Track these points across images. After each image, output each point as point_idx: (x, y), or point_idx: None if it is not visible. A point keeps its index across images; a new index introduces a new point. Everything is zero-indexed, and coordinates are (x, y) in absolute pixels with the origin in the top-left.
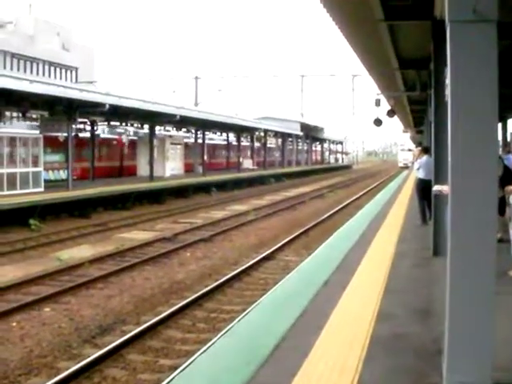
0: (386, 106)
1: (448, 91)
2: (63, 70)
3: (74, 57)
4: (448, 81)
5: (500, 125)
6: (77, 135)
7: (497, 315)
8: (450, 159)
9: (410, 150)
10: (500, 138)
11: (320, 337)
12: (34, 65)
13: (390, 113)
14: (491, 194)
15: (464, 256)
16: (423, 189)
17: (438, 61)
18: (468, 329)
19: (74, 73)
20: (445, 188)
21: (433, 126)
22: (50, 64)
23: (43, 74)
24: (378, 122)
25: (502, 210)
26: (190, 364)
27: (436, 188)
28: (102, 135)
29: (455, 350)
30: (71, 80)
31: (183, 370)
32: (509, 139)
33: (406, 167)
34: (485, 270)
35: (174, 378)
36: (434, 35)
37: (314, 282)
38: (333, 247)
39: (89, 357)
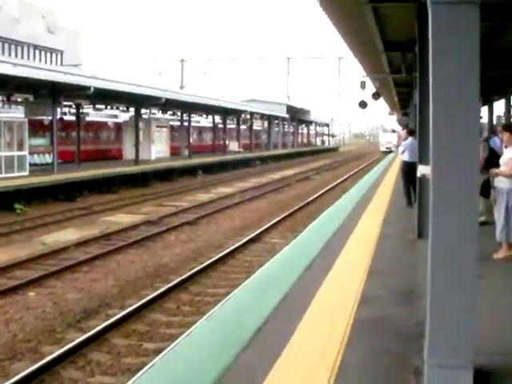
0: (371, 88)
1: (430, 73)
2: (48, 53)
3: (59, 40)
4: (430, 63)
5: (486, 108)
6: (62, 118)
7: (480, 299)
8: (431, 141)
9: (394, 131)
10: (486, 120)
11: (303, 320)
12: (19, 48)
13: (375, 95)
14: (473, 177)
15: (445, 239)
16: (408, 171)
17: (423, 43)
18: (449, 312)
19: (59, 56)
20: (428, 171)
21: (417, 108)
22: (35, 47)
23: (28, 58)
24: (363, 105)
25: (486, 193)
26: (171, 348)
27: (420, 170)
28: (88, 118)
29: (436, 334)
30: (56, 63)
31: (165, 354)
32: (495, 122)
33: (389, 151)
34: (466, 253)
35: (156, 362)
36: (418, 17)
37: (298, 264)
38: (318, 230)
39: (73, 341)
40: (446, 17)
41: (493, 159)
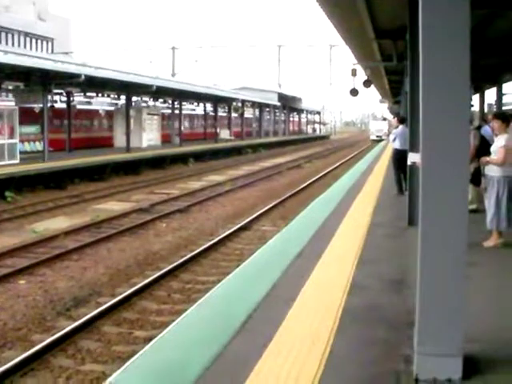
0: (362, 76)
1: (420, 61)
2: (39, 41)
3: (50, 27)
4: (420, 50)
5: (478, 96)
6: (52, 106)
7: (470, 286)
8: (421, 129)
9: (384, 119)
10: (478, 109)
11: (292, 308)
12: (9, 35)
13: (367, 83)
14: (463, 164)
15: (435, 226)
16: (399, 159)
17: (414, 31)
18: (439, 300)
19: (49, 43)
20: (419, 158)
21: (408, 96)
22: (26, 34)
23: (18, 45)
24: (354, 92)
25: (477, 181)
26: (161, 336)
27: (411, 158)
28: (79, 106)
29: (426, 322)
30: (47, 51)
31: (155, 341)
32: (486, 110)
33: (379, 140)
34: (456, 241)
35: (146, 349)
36: (410, 5)
37: (288, 252)
38: (309, 217)
39: (63, 329)
40: (437, 4)
41: (484, 147)
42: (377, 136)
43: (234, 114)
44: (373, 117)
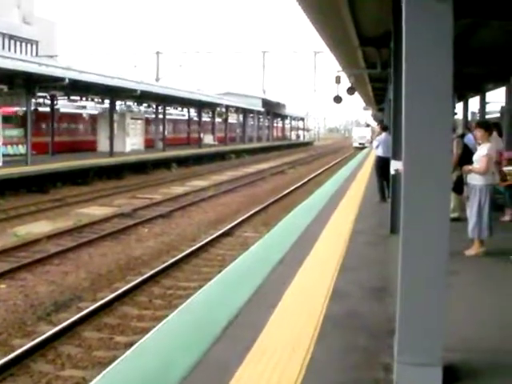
0: (346, 83)
1: (403, 68)
2: (23, 44)
3: (35, 30)
4: (403, 58)
5: (461, 104)
6: (36, 109)
7: (451, 295)
8: (403, 137)
9: (368, 125)
10: (461, 117)
11: (273, 314)
12: None
13: (350, 90)
14: (445, 173)
15: (416, 235)
16: (382, 166)
17: (398, 38)
18: (419, 309)
19: (34, 47)
20: (401, 166)
21: (392, 103)
22: (10, 37)
23: (3, 48)
24: (337, 99)
25: (459, 189)
26: (142, 341)
27: (393, 165)
28: (63, 109)
29: (406, 331)
30: (32, 54)
31: (136, 347)
32: (470, 118)
33: (362, 147)
34: (437, 250)
35: (126, 355)
36: (394, 12)
37: (270, 259)
38: (291, 224)
39: (43, 334)
40: (420, 13)
41: (466, 156)
42: (359, 143)
43: (217, 120)
44: (356, 123)
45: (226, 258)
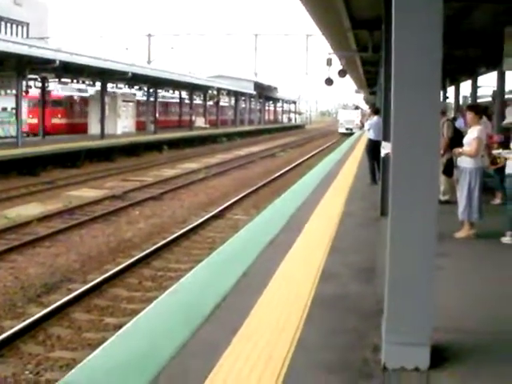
0: (338, 65)
1: (393, 52)
2: (14, 26)
3: (26, 12)
4: (393, 41)
5: (453, 88)
6: (27, 91)
7: (440, 276)
8: (392, 119)
9: (356, 107)
10: (453, 100)
11: (262, 296)
12: None
13: (341, 73)
14: (433, 155)
15: (404, 216)
16: (373, 149)
17: (389, 21)
18: (408, 290)
19: (24, 28)
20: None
21: (382, 86)
22: (0, 19)
23: None
24: (329, 82)
25: (450, 172)
26: (131, 323)
27: (384, 147)
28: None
29: (394, 311)
30: (22, 36)
31: (125, 329)
32: (461, 102)
33: (350, 134)
34: (425, 231)
35: (115, 337)
36: None
37: (260, 240)
38: (281, 206)
39: (33, 315)
40: None
41: (457, 139)
42: (346, 129)
43: (209, 103)
44: (343, 106)
45: (216, 240)
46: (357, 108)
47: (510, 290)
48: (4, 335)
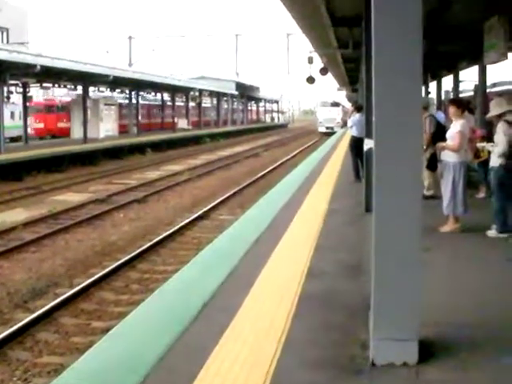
0: (319, 64)
1: (373, 48)
2: None
3: (6, 17)
4: (373, 37)
5: (435, 83)
6: (8, 97)
7: (426, 271)
8: (374, 115)
9: (336, 104)
10: (435, 95)
11: (249, 295)
12: None
13: (323, 71)
14: (415, 150)
15: (388, 212)
16: (356, 146)
17: (369, 18)
18: (394, 285)
19: (4, 34)
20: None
21: (364, 83)
22: None
23: None
24: (310, 80)
25: (433, 167)
26: (118, 326)
27: (366, 144)
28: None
29: (381, 307)
30: (2, 41)
31: (112, 332)
32: (443, 97)
33: (330, 133)
34: (410, 226)
35: (102, 340)
36: None
37: (245, 240)
38: (266, 205)
39: (20, 321)
40: None
41: (440, 133)
42: (327, 128)
43: (191, 104)
44: (322, 103)
45: (202, 240)
46: (337, 105)
47: (496, 283)
48: None
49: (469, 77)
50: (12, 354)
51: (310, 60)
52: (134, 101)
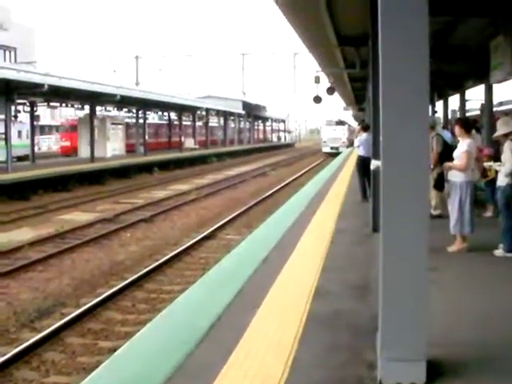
0: (326, 83)
1: (380, 67)
2: (1, 51)
3: (13, 37)
4: (380, 57)
5: (441, 102)
6: (16, 116)
7: (434, 291)
8: (381, 135)
9: (342, 123)
10: (441, 115)
11: (256, 315)
12: None
13: (330, 90)
14: (422, 170)
15: (396, 232)
16: (364, 166)
17: (376, 38)
18: (402, 306)
19: (12, 53)
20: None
21: (371, 103)
22: None
23: None
24: (317, 100)
25: (440, 186)
26: (125, 346)
27: (373, 164)
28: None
29: (389, 327)
30: (10, 61)
31: (119, 352)
32: (450, 116)
33: (336, 154)
34: (418, 246)
35: (109, 360)
36: (371, 11)
37: (253, 260)
38: (273, 225)
39: (27, 341)
40: (396, 12)
41: (447, 153)
42: (331, 148)
43: (198, 123)
44: (326, 121)
45: (209, 260)
46: (342, 123)
47: (504, 303)
48: None
49: (475, 96)
50: (18, 374)
51: (317, 79)
52: (141, 120)
